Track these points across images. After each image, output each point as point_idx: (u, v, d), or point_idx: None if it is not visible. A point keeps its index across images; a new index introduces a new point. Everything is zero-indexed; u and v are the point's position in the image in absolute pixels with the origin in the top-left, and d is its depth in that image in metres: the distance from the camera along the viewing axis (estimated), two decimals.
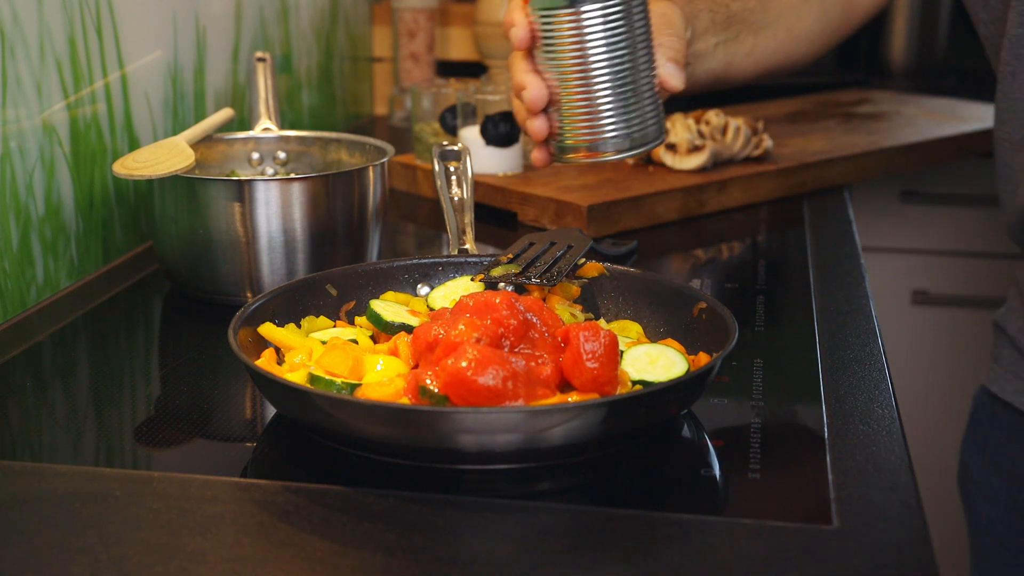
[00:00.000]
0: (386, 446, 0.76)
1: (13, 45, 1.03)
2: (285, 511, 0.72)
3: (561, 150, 0.93)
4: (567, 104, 0.90)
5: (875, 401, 0.88)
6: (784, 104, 1.93)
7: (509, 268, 0.96)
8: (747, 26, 1.16)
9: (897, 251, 1.99)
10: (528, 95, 0.89)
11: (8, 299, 1.04)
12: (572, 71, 0.88)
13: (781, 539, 0.69)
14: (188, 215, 1.07)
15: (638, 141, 0.91)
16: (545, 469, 0.76)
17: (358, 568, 0.66)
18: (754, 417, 0.84)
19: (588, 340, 0.78)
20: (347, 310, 0.96)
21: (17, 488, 0.75)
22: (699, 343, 0.88)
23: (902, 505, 0.73)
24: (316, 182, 1.08)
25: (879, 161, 1.60)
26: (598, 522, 0.71)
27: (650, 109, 0.91)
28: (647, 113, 0.90)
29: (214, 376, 0.95)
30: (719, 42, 1.12)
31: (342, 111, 1.90)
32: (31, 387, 0.93)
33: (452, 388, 0.75)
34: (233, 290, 1.08)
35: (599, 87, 0.88)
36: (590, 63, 0.87)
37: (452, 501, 0.73)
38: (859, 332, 1.01)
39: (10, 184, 1.04)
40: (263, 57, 1.30)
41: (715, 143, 1.46)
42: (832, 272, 1.19)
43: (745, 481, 0.76)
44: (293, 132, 1.27)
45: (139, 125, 1.24)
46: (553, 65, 0.88)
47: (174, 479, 0.75)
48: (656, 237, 1.33)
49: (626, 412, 0.76)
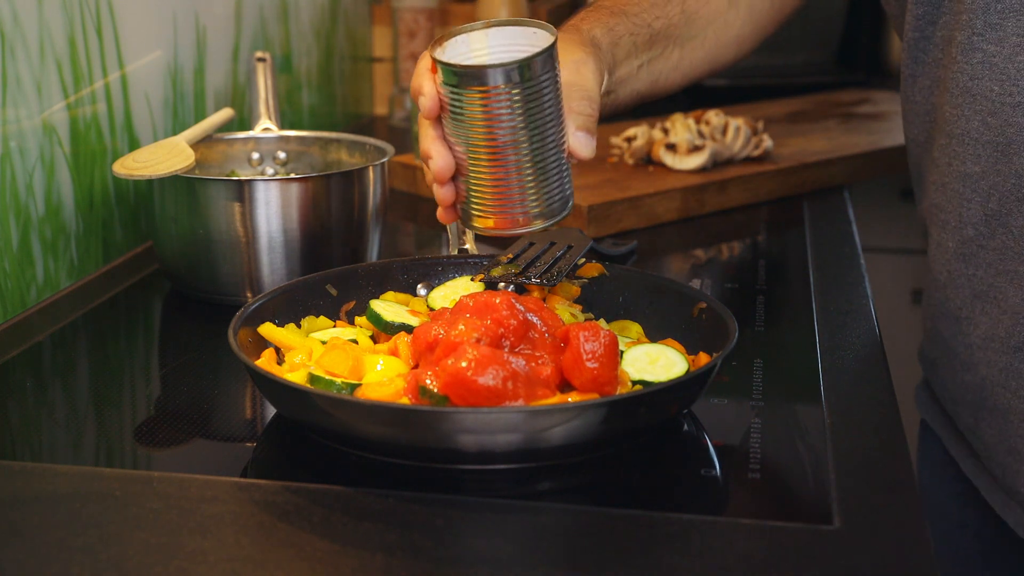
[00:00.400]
0: (386, 446, 0.76)
1: (13, 45, 1.03)
2: (285, 511, 0.72)
3: (467, 216, 0.91)
4: (472, 177, 0.88)
5: (875, 401, 0.88)
6: (784, 104, 1.93)
7: (509, 268, 0.96)
8: (672, 40, 1.14)
9: (897, 251, 1.99)
10: (434, 165, 0.88)
11: (8, 299, 1.04)
12: (477, 147, 0.86)
13: (781, 539, 0.69)
14: (188, 215, 1.07)
15: (544, 215, 0.89)
16: (545, 469, 0.76)
17: (358, 568, 0.66)
18: (754, 417, 0.84)
19: (588, 340, 0.78)
20: (347, 310, 0.96)
21: (17, 488, 0.75)
22: (699, 343, 0.88)
23: (902, 505, 0.73)
24: (316, 182, 1.08)
25: (879, 161, 1.60)
26: (598, 522, 0.71)
27: (555, 183, 0.88)
28: (552, 188, 0.88)
29: (214, 376, 0.95)
30: (643, 63, 1.11)
31: (342, 111, 1.90)
32: (31, 387, 0.93)
33: (452, 388, 0.75)
34: (233, 290, 1.08)
35: (503, 164, 0.86)
36: (495, 141, 0.85)
37: (452, 501, 0.73)
38: (859, 332, 1.01)
39: (10, 184, 1.04)
40: (263, 57, 1.30)
41: (715, 143, 1.46)
42: (832, 272, 1.19)
43: (745, 481, 0.76)
44: (293, 132, 1.27)
45: (139, 125, 1.24)
46: (460, 138, 0.86)
47: (174, 479, 0.75)
48: (656, 237, 1.33)
49: (626, 412, 0.76)
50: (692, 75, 1.19)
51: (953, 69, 0.97)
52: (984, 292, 0.98)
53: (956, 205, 0.99)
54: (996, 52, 0.93)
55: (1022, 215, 0.94)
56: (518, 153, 0.85)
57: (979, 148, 0.96)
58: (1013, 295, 0.96)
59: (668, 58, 1.14)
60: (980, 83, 0.94)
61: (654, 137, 1.50)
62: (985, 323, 0.99)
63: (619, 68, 1.07)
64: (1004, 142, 0.93)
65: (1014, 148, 0.93)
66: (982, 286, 0.99)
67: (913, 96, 1.05)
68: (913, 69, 1.04)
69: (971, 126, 0.96)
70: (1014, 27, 0.92)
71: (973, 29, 0.94)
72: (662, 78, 1.15)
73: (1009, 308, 0.96)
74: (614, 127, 1.71)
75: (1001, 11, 0.93)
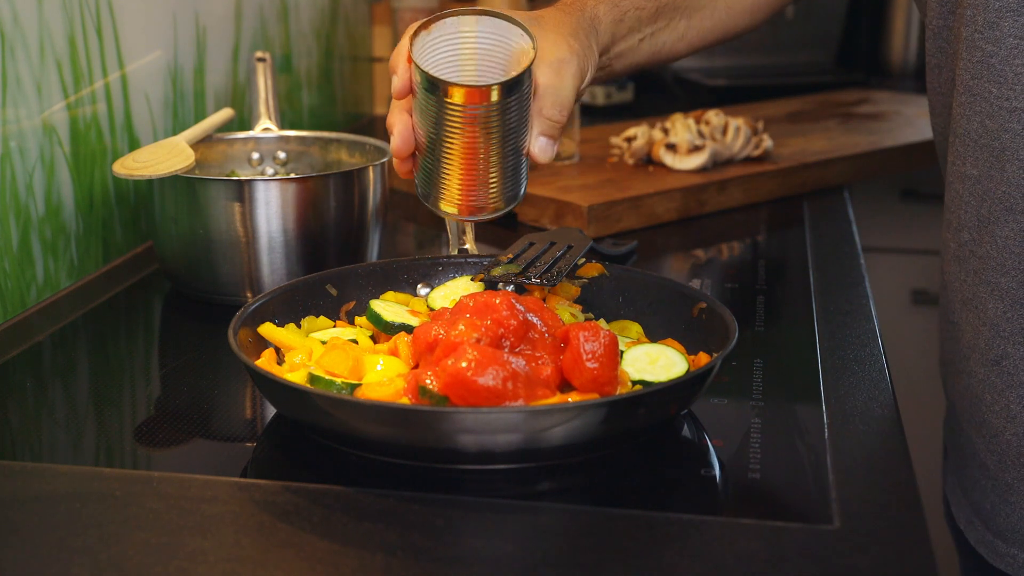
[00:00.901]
0: (386, 446, 0.76)
1: (13, 45, 1.03)
2: (285, 511, 0.72)
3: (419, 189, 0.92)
4: (424, 163, 0.89)
5: (875, 401, 0.88)
6: (784, 104, 1.93)
7: (509, 268, 0.95)
8: (679, 12, 1.10)
9: (897, 251, 1.99)
10: (394, 142, 0.89)
11: (8, 299, 1.04)
12: (436, 143, 0.86)
13: (781, 539, 0.69)
14: (188, 215, 1.07)
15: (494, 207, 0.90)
16: (545, 469, 0.76)
17: (358, 568, 0.66)
18: (754, 417, 0.84)
19: (588, 340, 0.78)
20: (347, 310, 0.96)
21: (17, 488, 0.75)
22: (699, 343, 0.88)
23: (902, 505, 0.73)
24: (316, 182, 1.08)
25: (879, 161, 1.60)
26: (598, 522, 0.71)
27: (510, 181, 0.89)
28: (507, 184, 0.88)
29: (214, 376, 0.95)
30: (644, 36, 1.07)
31: (342, 111, 1.90)
32: (31, 387, 0.93)
33: (452, 388, 0.75)
34: (233, 290, 1.08)
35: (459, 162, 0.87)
36: (454, 144, 0.85)
37: (452, 501, 0.73)
38: (859, 332, 1.01)
39: (10, 184, 1.04)
40: (263, 57, 1.30)
41: (715, 143, 1.46)
42: (832, 272, 1.19)
43: (745, 481, 0.76)
44: (293, 132, 1.27)
45: (139, 125, 1.24)
46: (422, 128, 0.87)
47: (174, 479, 0.75)
48: (656, 237, 1.33)
49: (626, 412, 0.76)
50: (699, 45, 1.15)
51: (960, 66, 0.95)
52: (969, 300, 0.97)
53: (956, 206, 0.97)
54: (993, 52, 0.91)
55: (1007, 226, 0.92)
56: (475, 157, 0.86)
57: (977, 151, 0.93)
58: (992, 307, 0.94)
59: (673, 29, 1.11)
60: (980, 83, 0.92)
61: (654, 137, 1.50)
62: (969, 332, 0.98)
63: (619, 43, 1.04)
64: (999, 147, 0.91)
65: (1007, 155, 0.91)
66: (968, 294, 0.97)
67: (938, 87, 1.03)
68: (938, 59, 1.01)
69: (971, 127, 0.94)
70: (1010, 27, 0.89)
71: (975, 25, 0.92)
72: (665, 49, 1.11)
73: (988, 320, 0.95)
74: (614, 127, 1.71)
75: (998, 9, 0.90)
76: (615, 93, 2.13)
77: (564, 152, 1.50)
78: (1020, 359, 0.93)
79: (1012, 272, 0.92)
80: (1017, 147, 0.90)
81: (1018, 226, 0.91)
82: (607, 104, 2.12)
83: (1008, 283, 0.93)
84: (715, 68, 2.24)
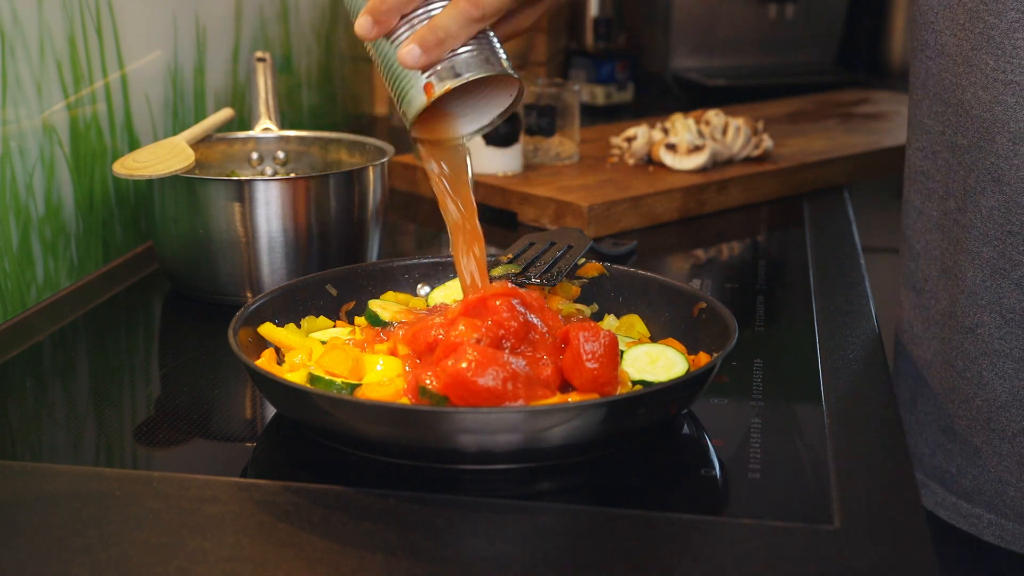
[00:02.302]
0: (386, 446, 0.76)
1: (13, 45, 1.03)
2: (285, 511, 0.72)
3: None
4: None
5: (875, 401, 0.88)
6: (784, 104, 1.93)
7: (509, 268, 0.95)
8: None
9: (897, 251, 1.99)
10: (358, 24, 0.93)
11: (8, 299, 1.04)
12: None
13: (781, 539, 0.69)
14: (188, 215, 1.07)
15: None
16: (545, 469, 0.76)
17: (358, 568, 0.66)
18: (754, 417, 0.84)
19: (588, 340, 0.78)
20: (347, 310, 0.96)
21: (17, 488, 0.75)
22: (699, 343, 0.88)
23: (902, 505, 0.73)
24: (316, 182, 1.08)
25: (879, 161, 1.60)
26: (598, 522, 0.71)
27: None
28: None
29: (214, 376, 0.95)
30: None
31: (342, 111, 1.90)
32: (31, 387, 0.93)
33: (452, 389, 0.75)
34: (233, 290, 1.08)
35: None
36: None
37: (452, 501, 0.73)
38: (859, 332, 1.01)
39: (10, 184, 1.04)
40: (263, 57, 1.30)
41: (715, 143, 1.46)
42: (832, 272, 1.19)
43: (745, 481, 0.76)
44: (293, 132, 1.27)
45: (139, 125, 1.24)
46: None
47: (174, 479, 0.75)
48: (656, 237, 1.33)
49: (626, 412, 0.76)
50: None
51: (960, 36, 0.96)
52: (950, 268, 0.99)
53: (944, 175, 1.00)
54: (995, 24, 0.92)
55: (993, 196, 0.94)
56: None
57: (968, 120, 0.96)
58: (972, 275, 0.97)
59: None
60: (979, 54, 0.94)
61: (654, 137, 1.50)
62: (944, 300, 1.00)
63: None
64: (991, 119, 0.93)
65: (998, 127, 0.93)
66: (949, 261, 1.00)
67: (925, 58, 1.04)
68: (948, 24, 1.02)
69: (965, 97, 0.96)
70: (1014, 0, 0.91)
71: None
72: None
73: (966, 288, 0.97)
74: (614, 127, 1.71)
75: None
76: (615, 93, 2.13)
77: (564, 152, 1.51)
78: (995, 327, 0.96)
79: (994, 242, 0.95)
80: (1008, 119, 0.92)
81: (1003, 196, 0.94)
82: (607, 104, 2.12)
83: (989, 252, 0.95)
84: (715, 68, 2.24)
